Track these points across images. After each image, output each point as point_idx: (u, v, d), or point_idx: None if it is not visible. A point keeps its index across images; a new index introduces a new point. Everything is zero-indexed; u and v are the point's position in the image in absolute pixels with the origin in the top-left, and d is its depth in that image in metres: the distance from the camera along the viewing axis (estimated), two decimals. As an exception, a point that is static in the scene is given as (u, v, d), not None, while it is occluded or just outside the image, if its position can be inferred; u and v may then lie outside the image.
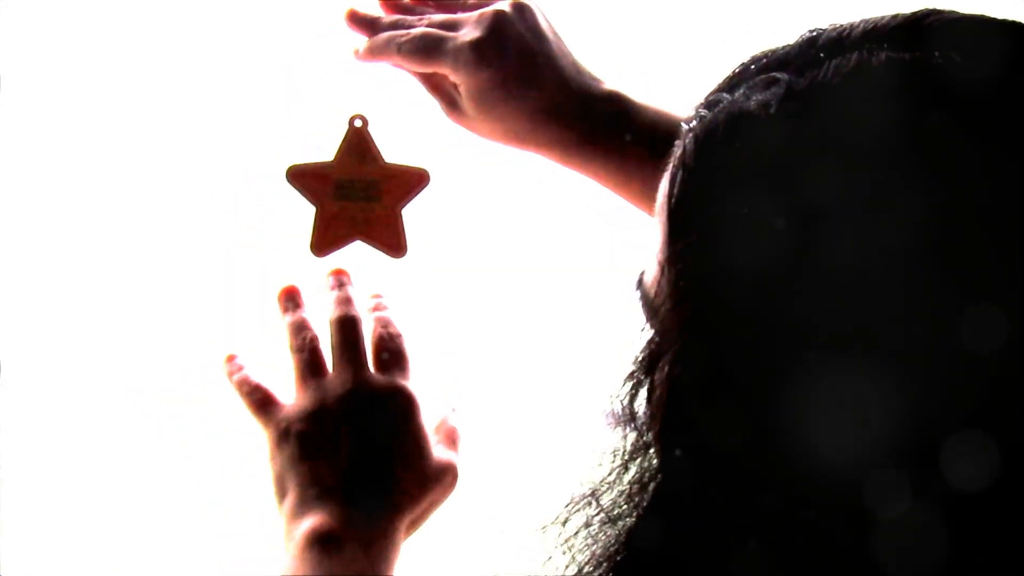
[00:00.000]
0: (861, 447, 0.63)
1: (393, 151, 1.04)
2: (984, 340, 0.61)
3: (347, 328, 0.99)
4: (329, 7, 1.07)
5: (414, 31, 1.02)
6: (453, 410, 1.01)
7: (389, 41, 1.03)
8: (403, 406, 0.96)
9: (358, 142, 1.04)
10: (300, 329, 1.00)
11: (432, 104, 1.05)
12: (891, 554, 0.63)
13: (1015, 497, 0.63)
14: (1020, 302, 0.61)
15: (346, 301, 1.01)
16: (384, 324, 1.00)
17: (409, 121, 1.07)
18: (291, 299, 1.02)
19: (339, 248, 1.03)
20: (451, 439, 0.98)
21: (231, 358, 1.02)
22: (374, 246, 1.03)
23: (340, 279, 1.03)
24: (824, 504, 0.64)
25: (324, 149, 1.04)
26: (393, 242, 1.03)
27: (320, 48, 1.10)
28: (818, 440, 0.63)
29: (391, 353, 0.98)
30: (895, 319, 0.62)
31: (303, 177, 1.03)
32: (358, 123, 1.04)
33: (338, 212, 1.03)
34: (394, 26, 1.04)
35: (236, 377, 1.00)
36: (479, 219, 1.19)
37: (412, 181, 1.03)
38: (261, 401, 0.98)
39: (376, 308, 1.02)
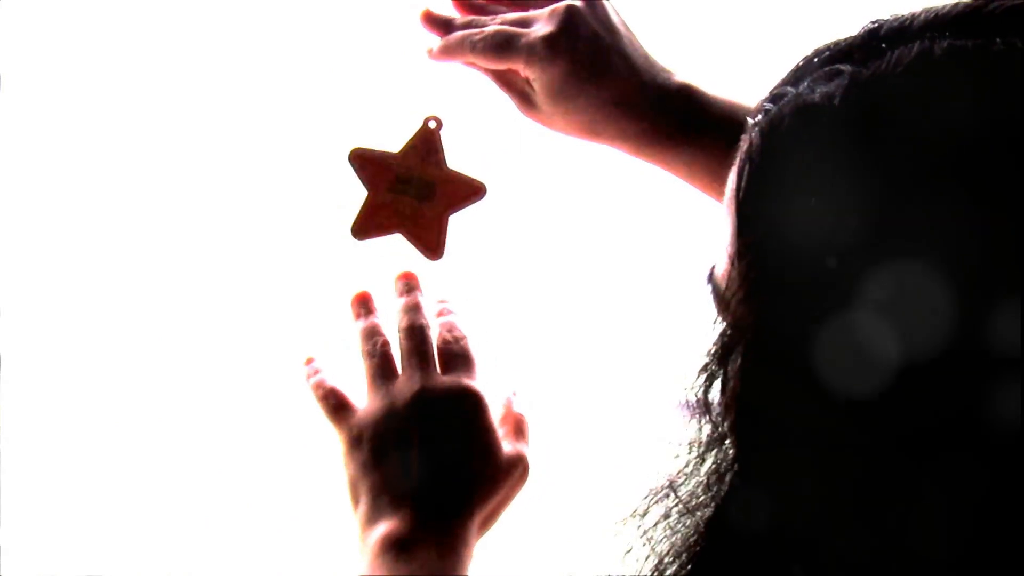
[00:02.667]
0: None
1: (457, 158, 1.05)
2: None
3: (415, 333, 1.00)
4: (409, 8, 1.07)
5: (487, 29, 1.03)
6: (515, 394, 1.01)
7: (463, 40, 1.04)
8: (471, 404, 0.96)
9: (427, 142, 1.05)
10: (372, 335, 1.01)
11: (506, 102, 1.06)
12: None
13: (1015, 498, 0.64)
14: None
15: (414, 308, 1.02)
16: (449, 328, 1.01)
17: (481, 132, 1.08)
18: (363, 304, 1.04)
19: (379, 236, 1.04)
20: (518, 429, 0.99)
21: (309, 361, 1.03)
22: (412, 243, 1.04)
23: (408, 284, 1.04)
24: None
25: (391, 141, 1.05)
26: (432, 244, 1.04)
27: (403, 46, 1.11)
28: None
29: (457, 355, 0.99)
30: (960, 311, 0.63)
31: (364, 161, 1.04)
32: (432, 124, 1.05)
33: (388, 202, 1.04)
34: (467, 25, 1.05)
35: (313, 380, 1.02)
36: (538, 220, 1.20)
37: (467, 191, 1.04)
38: (336, 406, 1.00)
39: (441, 313, 1.03)
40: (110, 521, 1.18)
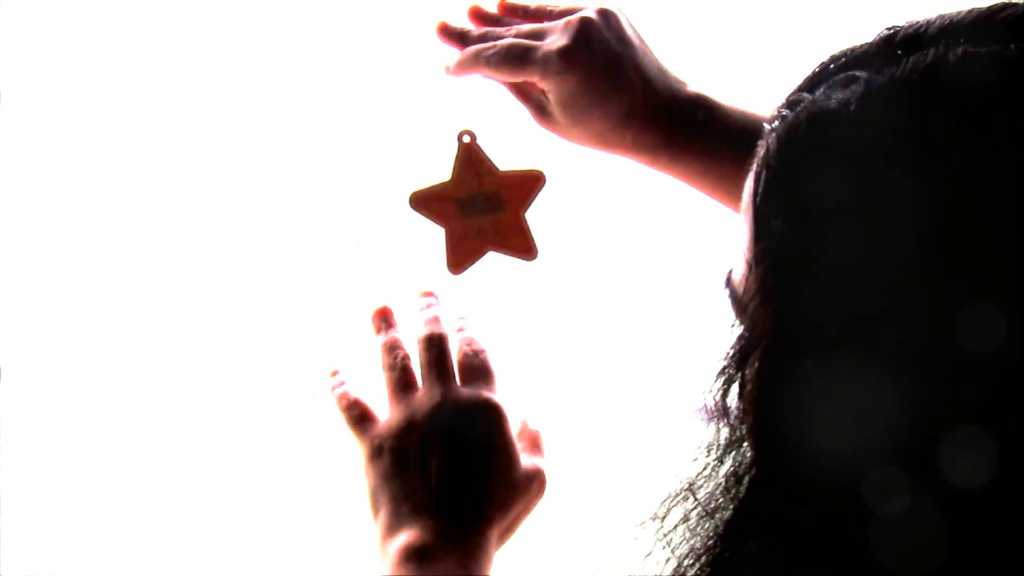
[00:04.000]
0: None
1: (503, 158, 1.06)
2: (983, 338, 0.63)
3: (435, 346, 1.01)
4: (421, 24, 1.08)
5: (501, 42, 1.04)
6: (530, 413, 1.02)
7: (478, 54, 1.05)
8: (490, 416, 0.98)
9: (471, 157, 1.06)
10: (392, 348, 1.02)
11: (522, 112, 1.06)
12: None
13: (1014, 494, 0.64)
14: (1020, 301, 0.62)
15: (434, 321, 1.03)
16: (469, 342, 1.02)
17: (512, 127, 1.09)
18: (384, 319, 1.05)
19: (474, 262, 1.06)
20: (535, 444, 1.00)
21: (335, 373, 1.04)
22: (506, 254, 1.06)
23: (428, 300, 1.05)
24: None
25: (438, 169, 1.06)
26: (524, 246, 1.05)
27: (421, 66, 1.11)
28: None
29: (476, 368, 1.00)
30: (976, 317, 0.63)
31: (426, 201, 1.05)
32: (466, 139, 1.06)
33: (465, 228, 1.05)
34: (483, 38, 1.06)
35: (338, 392, 1.03)
36: (577, 220, 1.20)
37: (529, 184, 1.05)
38: (358, 417, 1.00)
39: (461, 328, 1.04)
40: (110, 521, 1.19)
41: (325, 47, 1.19)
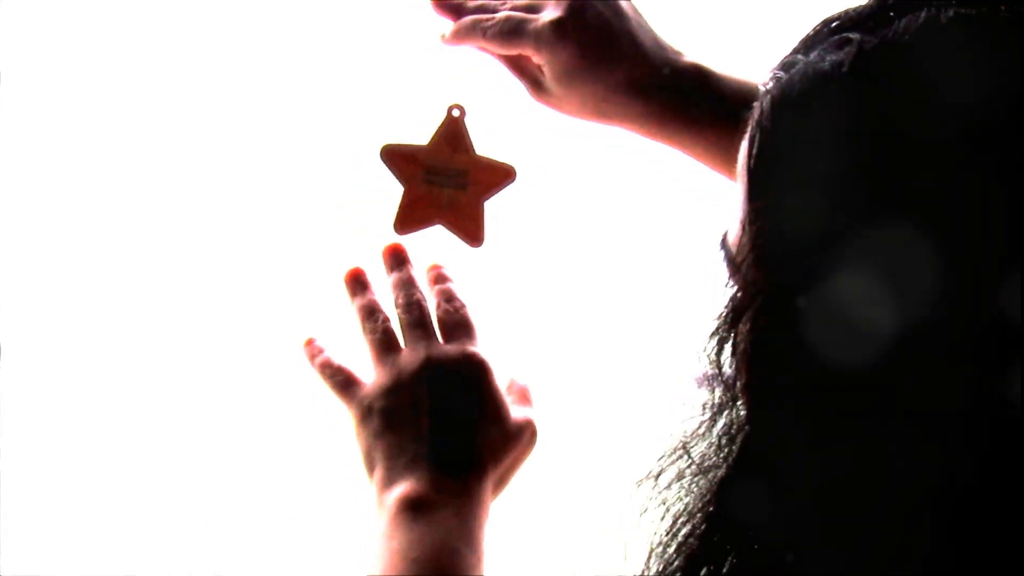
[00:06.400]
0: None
1: (484, 144, 1.07)
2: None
3: (413, 308, 1.02)
4: (421, 24, 1.09)
5: (497, 15, 1.05)
6: (516, 370, 1.03)
7: (474, 25, 1.05)
8: (475, 370, 0.99)
9: (453, 131, 1.07)
10: (371, 312, 1.03)
11: (518, 87, 1.07)
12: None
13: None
14: None
15: (408, 282, 1.04)
16: (448, 297, 1.03)
17: (505, 116, 1.09)
18: (358, 282, 1.05)
19: (420, 229, 1.06)
20: (524, 397, 1.01)
21: (310, 341, 1.05)
22: (453, 232, 1.06)
23: (399, 257, 1.05)
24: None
25: (419, 133, 1.07)
26: (472, 231, 1.06)
27: (420, 36, 1.12)
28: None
29: (457, 323, 1.01)
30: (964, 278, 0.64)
31: (396, 157, 1.06)
32: (456, 113, 1.07)
33: (424, 195, 1.06)
34: (478, 10, 1.07)
35: (318, 360, 1.03)
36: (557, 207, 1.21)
37: (499, 175, 1.06)
38: (343, 382, 1.01)
39: (437, 280, 1.05)
40: (110, 521, 1.19)
41: (325, 47, 1.19)
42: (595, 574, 0.93)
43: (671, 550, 0.75)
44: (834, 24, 0.70)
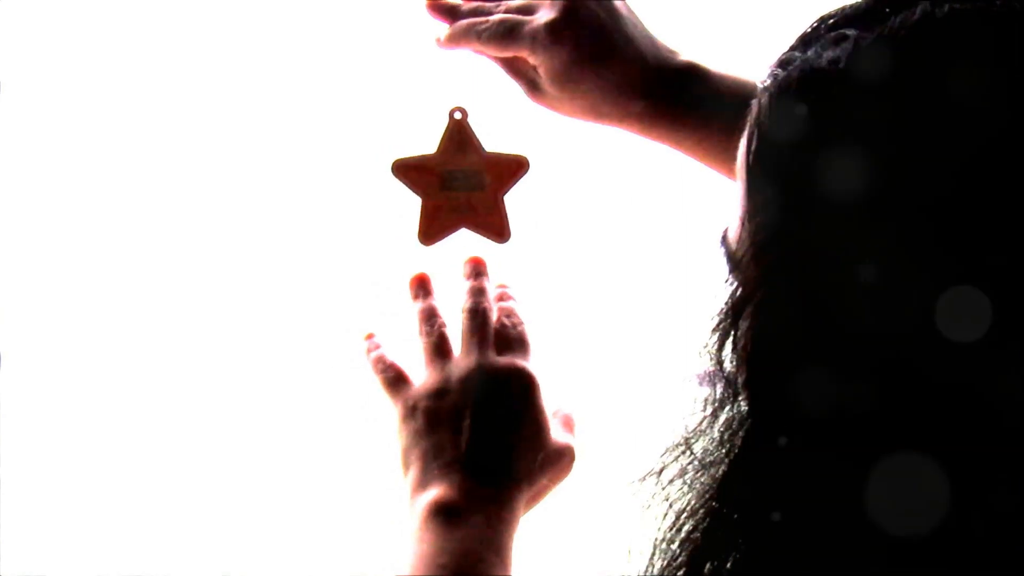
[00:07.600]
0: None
1: (491, 139, 1.07)
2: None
3: (477, 315, 1.03)
4: (421, 23, 1.08)
5: (492, 18, 1.05)
6: (566, 395, 1.04)
7: (468, 28, 1.06)
8: (523, 385, 1.00)
9: (459, 134, 1.07)
10: (430, 316, 1.05)
11: (514, 88, 1.07)
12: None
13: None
14: None
15: (479, 291, 1.05)
16: (508, 313, 1.05)
17: (504, 109, 1.09)
18: (422, 286, 1.07)
19: (445, 236, 1.07)
20: (568, 424, 1.02)
21: (370, 336, 1.06)
22: (479, 233, 1.07)
23: (477, 269, 1.07)
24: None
25: (425, 141, 1.07)
26: (498, 228, 1.07)
27: (415, 41, 1.12)
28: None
29: (513, 339, 1.03)
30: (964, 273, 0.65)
31: (407, 170, 1.07)
32: (458, 115, 1.07)
33: (443, 202, 1.06)
34: (473, 13, 1.07)
35: (373, 355, 1.05)
36: (571, 201, 1.21)
37: (513, 168, 1.07)
38: (394, 379, 1.03)
39: (501, 298, 1.07)
40: (110, 521, 1.20)
41: (324, 47, 1.20)
42: (599, 571, 0.93)
43: (675, 546, 0.76)
44: (831, 21, 0.71)
